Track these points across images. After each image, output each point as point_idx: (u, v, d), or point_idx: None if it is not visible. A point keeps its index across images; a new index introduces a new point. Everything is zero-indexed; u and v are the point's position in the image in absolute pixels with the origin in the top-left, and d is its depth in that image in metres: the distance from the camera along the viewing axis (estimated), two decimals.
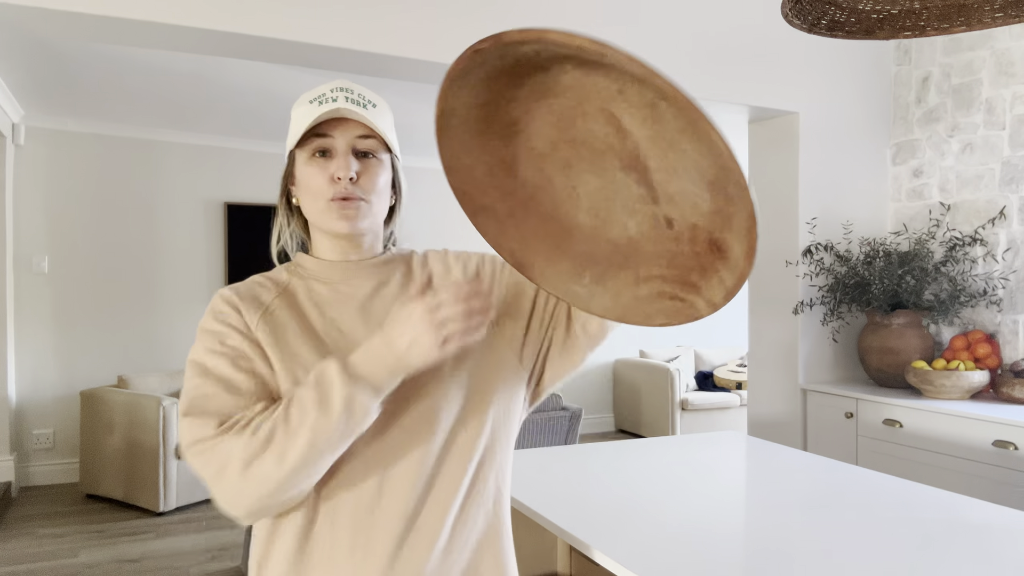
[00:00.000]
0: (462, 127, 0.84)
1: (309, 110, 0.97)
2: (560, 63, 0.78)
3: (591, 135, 0.84)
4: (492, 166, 0.88)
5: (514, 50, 0.75)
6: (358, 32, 2.42)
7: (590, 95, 0.80)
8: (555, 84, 0.81)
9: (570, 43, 0.70)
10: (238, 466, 0.84)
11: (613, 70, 0.76)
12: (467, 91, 0.80)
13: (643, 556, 1.37)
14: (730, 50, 3.08)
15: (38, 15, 2.09)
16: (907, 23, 1.42)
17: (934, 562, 1.34)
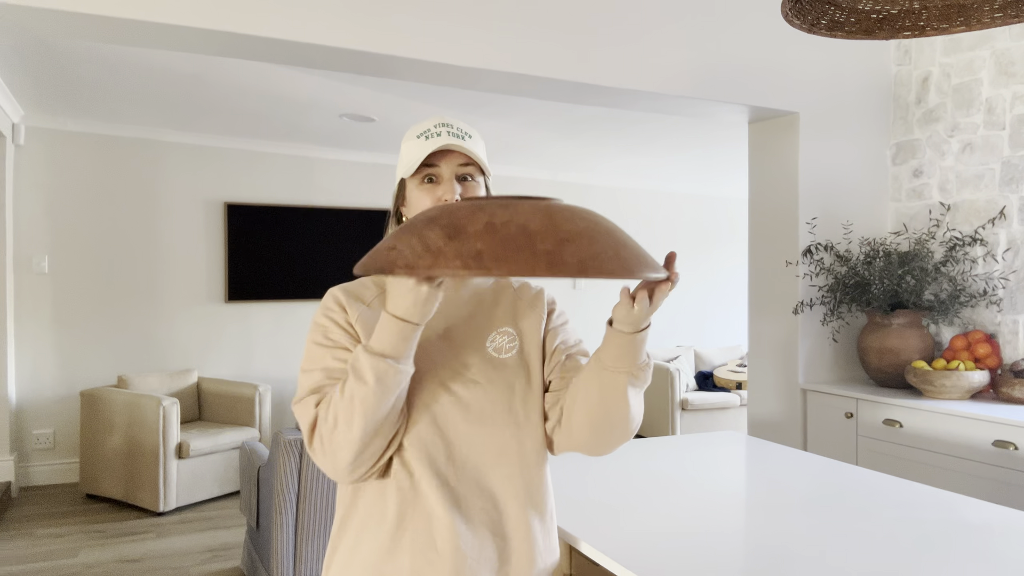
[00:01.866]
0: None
1: (418, 144, 1.16)
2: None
3: None
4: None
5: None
6: (358, 32, 2.42)
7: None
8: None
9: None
10: (328, 438, 1.05)
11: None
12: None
13: (643, 555, 1.37)
14: (730, 50, 3.08)
15: (38, 15, 2.09)
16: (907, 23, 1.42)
17: (934, 562, 1.34)
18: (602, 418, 1.09)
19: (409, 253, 0.87)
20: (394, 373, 1.01)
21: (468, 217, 0.88)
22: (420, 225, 0.91)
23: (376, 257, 0.90)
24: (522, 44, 2.68)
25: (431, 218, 0.91)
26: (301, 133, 5.12)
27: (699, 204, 7.29)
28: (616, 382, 1.06)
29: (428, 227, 0.89)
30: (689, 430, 5.94)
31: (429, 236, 0.88)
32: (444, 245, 0.86)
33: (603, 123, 4.72)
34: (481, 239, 0.85)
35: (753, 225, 3.56)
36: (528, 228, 0.87)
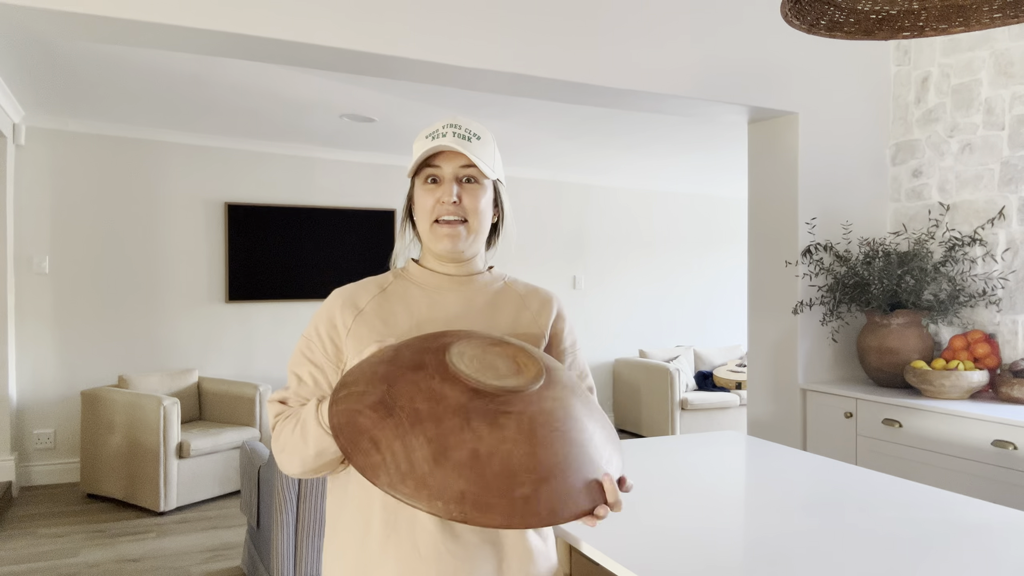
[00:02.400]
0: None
1: (424, 144, 1.16)
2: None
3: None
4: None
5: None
6: (358, 32, 2.42)
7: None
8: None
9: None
10: (278, 454, 1.14)
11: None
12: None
13: (643, 556, 1.38)
14: (730, 50, 3.09)
15: (38, 15, 2.09)
16: (906, 23, 1.43)
17: (934, 562, 1.34)
18: None
19: (393, 469, 0.87)
20: (334, 452, 1.07)
21: (456, 434, 0.88)
22: (406, 417, 0.90)
23: (357, 443, 0.90)
24: (522, 44, 2.68)
25: (417, 412, 0.90)
26: (301, 133, 5.12)
27: (699, 204, 7.30)
28: None
29: (415, 429, 0.88)
30: (689, 430, 5.95)
31: (415, 450, 0.87)
32: (429, 472, 0.86)
33: (603, 123, 4.72)
34: (464, 476, 0.86)
35: (753, 225, 3.57)
36: (511, 463, 0.88)
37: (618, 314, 6.86)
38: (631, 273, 6.93)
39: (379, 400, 0.93)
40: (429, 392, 0.93)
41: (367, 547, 1.10)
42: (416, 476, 0.85)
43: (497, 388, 0.93)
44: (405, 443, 0.88)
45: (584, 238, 6.69)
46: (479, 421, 0.90)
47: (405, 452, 0.87)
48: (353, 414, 0.92)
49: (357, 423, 0.91)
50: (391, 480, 0.86)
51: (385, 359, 0.99)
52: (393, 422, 0.90)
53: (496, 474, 0.87)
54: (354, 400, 0.94)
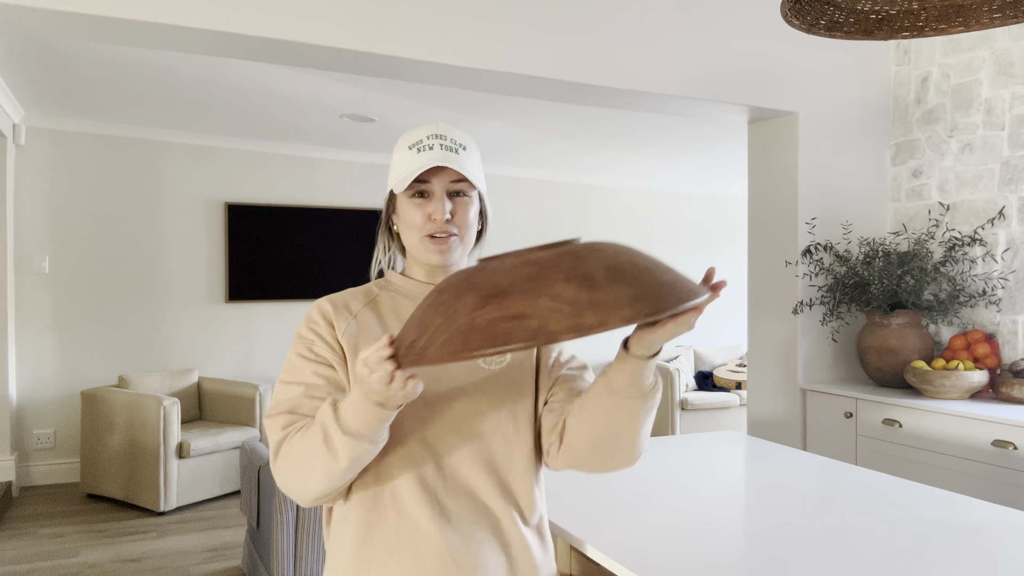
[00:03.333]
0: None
1: (409, 156, 1.13)
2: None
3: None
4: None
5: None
6: (358, 32, 2.42)
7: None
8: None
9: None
10: (288, 476, 1.04)
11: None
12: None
13: (643, 556, 1.38)
14: (730, 50, 3.09)
15: (38, 15, 2.09)
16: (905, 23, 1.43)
17: (934, 562, 1.34)
18: (611, 442, 1.06)
19: (562, 315, 0.78)
20: (369, 455, 1.00)
21: (579, 264, 0.84)
22: (522, 284, 0.81)
23: (507, 333, 0.78)
24: (522, 44, 2.68)
25: (528, 277, 0.82)
26: (301, 133, 5.12)
27: (699, 204, 7.30)
28: (630, 408, 1.02)
29: (541, 284, 0.81)
30: (689, 430, 5.95)
31: (562, 292, 0.80)
32: (589, 297, 0.80)
33: (603, 123, 4.72)
34: (619, 282, 0.82)
35: (753, 225, 3.57)
36: (639, 262, 0.86)
37: None
38: None
39: (479, 301, 0.82)
40: (514, 268, 0.85)
41: (365, 557, 1.08)
42: (586, 304, 0.79)
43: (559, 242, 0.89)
44: (548, 295, 0.80)
45: (584, 238, 6.69)
46: (584, 252, 0.86)
47: (555, 299, 0.80)
48: (467, 332, 0.80)
49: (478, 324, 0.80)
50: (568, 323, 0.78)
51: (429, 304, 0.88)
52: (515, 296, 0.81)
53: (640, 271, 0.84)
54: (447, 323, 0.82)
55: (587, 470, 1.12)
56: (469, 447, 1.09)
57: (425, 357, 0.82)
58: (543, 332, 0.77)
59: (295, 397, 1.07)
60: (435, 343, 0.82)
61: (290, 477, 1.02)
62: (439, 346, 0.81)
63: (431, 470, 1.08)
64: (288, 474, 1.02)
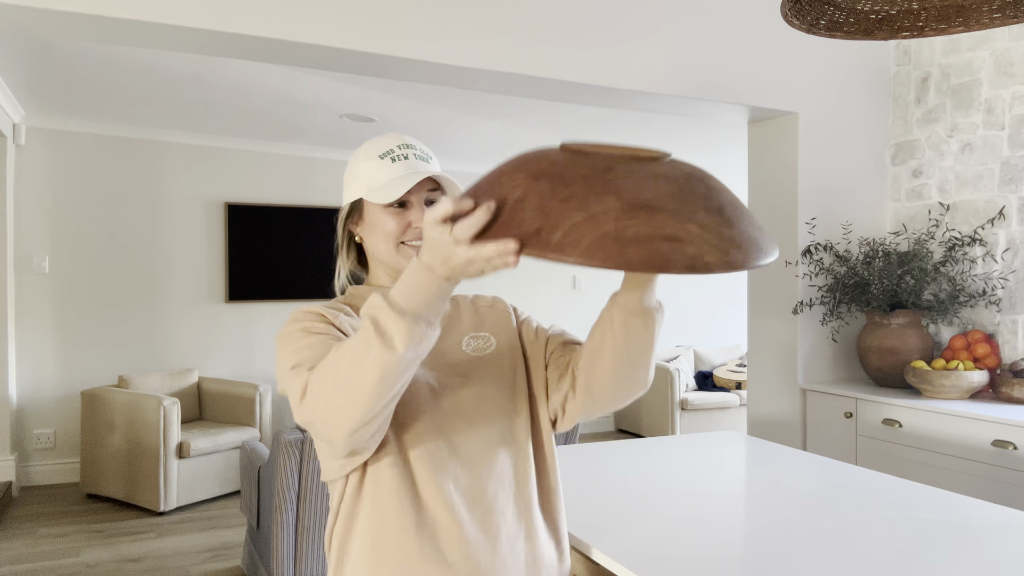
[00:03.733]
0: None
1: (382, 166, 1.13)
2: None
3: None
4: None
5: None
6: (358, 32, 2.42)
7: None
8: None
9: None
10: (328, 401, 0.90)
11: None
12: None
13: (643, 556, 1.38)
14: (730, 50, 3.09)
15: (38, 15, 2.09)
16: (905, 24, 1.43)
17: (934, 562, 1.34)
18: (629, 366, 1.06)
19: (709, 244, 0.75)
20: (428, 341, 0.89)
21: (713, 197, 0.83)
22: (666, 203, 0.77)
23: (662, 251, 0.73)
24: (522, 44, 2.68)
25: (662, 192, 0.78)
26: (301, 133, 5.12)
27: None
28: (645, 325, 1.02)
29: (683, 206, 0.78)
30: (689, 430, 5.95)
31: (705, 220, 0.77)
32: (728, 232, 0.78)
33: (603, 123, 4.72)
34: (740, 220, 0.82)
35: None
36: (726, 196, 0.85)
37: None
38: None
39: (624, 209, 0.76)
40: (648, 180, 0.80)
41: (384, 557, 1.05)
42: (728, 240, 0.77)
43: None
44: (695, 222, 0.77)
45: None
46: (704, 177, 0.85)
47: (703, 228, 0.77)
48: (620, 241, 0.74)
49: (631, 236, 0.74)
50: (719, 257, 0.75)
51: (546, 192, 0.80)
52: (664, 215, 0.77)
53: (745, 211, 0.84)
54: (591, 224, 0.75)
55: (606, 404, 1.11)
56: (480, 432, 1.10)
57: (566, 250, 0.74)
58: (700, 262, 0.74)
59: (313, 346, 1.00)
60: (580, 242, 0.74)
61: (328, 399, 0.90)
62: (586, 246, 0.74)
63: (446, 458, 1.07)
64: (325, 397, 0.90)
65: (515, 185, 0.82)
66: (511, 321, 1.23)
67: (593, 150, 0.84)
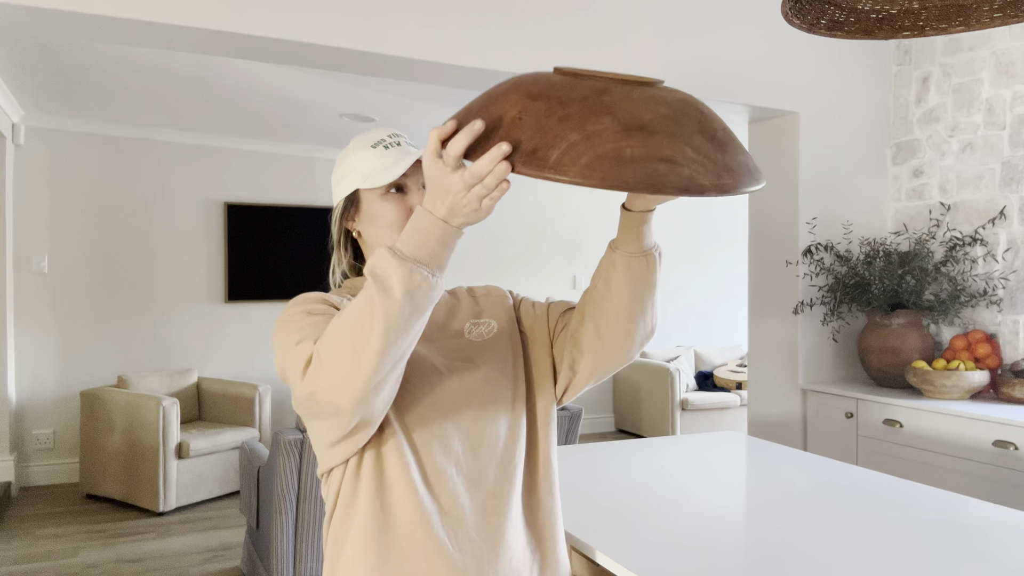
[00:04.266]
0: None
1: (376, 154, 1.11)
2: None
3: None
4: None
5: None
6: (358, 32, 2.42)
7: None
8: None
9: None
10: (333, 365, 0.87)
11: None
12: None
13: (643, 556, 1.37)
14: (730, 50, 3.08)
15: (38, 15, 2.09)
16: (906, 23, 1.42)
17: (934, 562, 1.34)
18: (638, 310, 1.05)
19: (705, 168, 0.76)
20: (428, 289, 0.85)
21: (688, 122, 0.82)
22: (661, 127, 0.77)
23: (657, 172, 0.73)
24: (521, 44, 2.68)
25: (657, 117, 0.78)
26: (301, 133, 5.12)
27: (699, 204, 7.29)
28: (647, 266, 1.03)
29: (679, 132, 0.78)
30: (689, 430, 5.94)
31: (701, 144, 0.78)
32: (722, 157, 0.78)
33: None
34: (732, 149, 0.83)
35: (753, 225, 3.56)
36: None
37: None
38: None
39: (621, 129, 0.76)
40: (644, 103, 0.80)
41: (383, 548, 1.03)
42: (722, 165, 0.77)
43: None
44: (691, 145, 0.77)
45: (584, 238, 6.69)
46: (698, 104, 0.86)
47: (697, 151, 0.77)
48: (617, 160, 0.74)
49: (628, 156, 0.74)
50: (712, 180, 0.76)
51: (542, 111, 0.79)
52: (660, 137, 0.77)
53: (735, 139, 0.86)
54: (587, 143, 0.75)
55: (613, 356, 1.09)
56: (485, 416, 1.09)
57: (563, 169, 0.74)
58: (694, 184, 0.74)
59: (317, 324, 0.97)
60: (577, 161, 0.74)
61: (334, 363, 0.86)
62: (584, 165, 0.73)
63: (449, 441, 1.06)
64: (331, 362, 0.86)
65: (510, 105, 0.81)
66: (507, 302, 1.22)
67: (590, 73, 0.84)
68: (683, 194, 0.74)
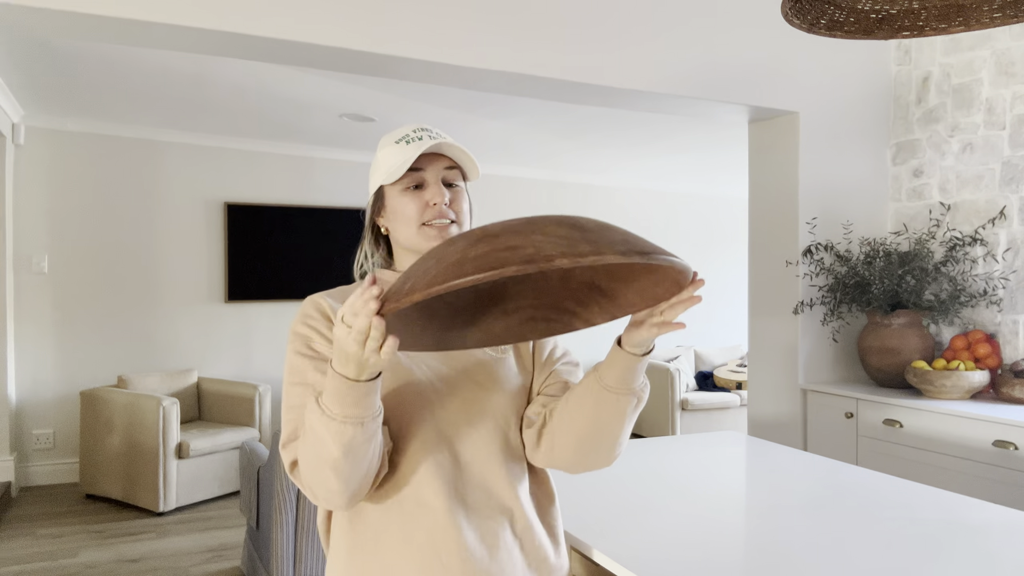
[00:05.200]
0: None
1: (398, 150, 1.12)
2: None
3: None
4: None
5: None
6: (358, 32, 2.42)
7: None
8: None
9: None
10: (311, 488, 1.00)
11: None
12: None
13: (643, 556, 1.37)
14: (730, 50, 3.08)
15: (38, 15, 2.09)
16: (905, 23, 1.42)
17: (934, 562, 1.34)
18: (593, 438, 1.06)
19: (556, 244, 0.76)
20: (363, 439, 0.93)
21: (549, 222, 0.83)
22: (502, 232, 0.79)
23: (502, 257, 0.75)
24: (522, 44, 2.68)
25: (503, 227, 0.80)
26: (301, 133, 5.12)
27: (699, 204, 7.29)
28: (618, 403, 1.02)
29: (530, 228, 0.80)
30: (689, 430, 5.94)
31: (553, 232, 0.78)
32: (580, 234, 0.78)
33: (603, 123, 4.72)
34: (603, 228, 0.82)
35: (753, 225, 3.56)
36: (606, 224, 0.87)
37: None
38: None
39: (470, 243, 0.79)
40: (502, 222, 0.83)
41: (380, 556, 1.04)
42: (579, 239, 0.78)
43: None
44: (541, 233, 0.78)
45: None
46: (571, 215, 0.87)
47: (549, 235, 0.78)
48: (459, 263, 0.77)
49: (470, 256, 0.77)
50: (563, 249, 0.75)
51: (417, 262, 0.85)
52: (507, 235, 0.79)
53: (627, 232, 0.85)
54: (437, 264, 0.79)
55: (564, 467, 1.11)
56: (482, 433, 1.08)
57: (413, 293, 0.77)
58: (539, 256, 0.75)
59: (300, 401, 1.04)
60: (426, 278, 0.78)
61: (312, 483, 0.98)
62: (428, 279, 0.77)
63: (447, 458, 1.06)
64: (309, 482, 0.98)
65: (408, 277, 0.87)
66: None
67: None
68: (527, 265, 0.74)
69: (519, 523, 1.10)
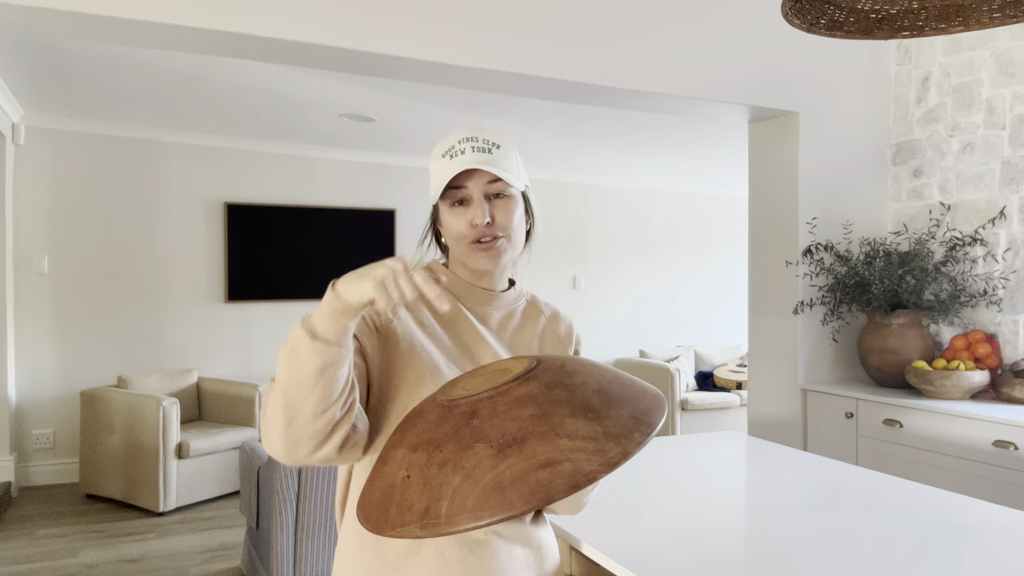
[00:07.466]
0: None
1: (443, 164, 1.10)
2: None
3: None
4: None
5: None
6: (358, 32, 2.42)
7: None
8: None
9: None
10: (264, 431, 0.97)
11: None
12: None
13: (643, 556, 1.37)
14: (730, 50, 3.08)
15: (38, 15, 2.09)
16: (905, 23, 1.42)
17: (934, 562, 1.34)
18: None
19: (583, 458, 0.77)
20: (304, 351, 0.90)
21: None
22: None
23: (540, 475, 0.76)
24: (522, 44, 2.68)
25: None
26: (300, 133, 5.12)
27: (699, 204, 7.29)
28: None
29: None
30: (689, 430, 5.94)
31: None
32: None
33: (603, 123, 4.72)
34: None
35: (753, 225, 3.56)
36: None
37: (618, 314, 6.86)
38: (631, 273, 6.93)
39: (495, 453, 0.81)
40: (510, 410, 0.85)
41: (383, 555, 1.06)
42: (603, 436, 0.80)
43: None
44: (564, 435, 0.80)
45: (584, 238, 6.69)
46: (564, 379, 0.87)
47: (573, 438, 0.80)
48: (499, 489, 0.78)
49: (508, 479, 0.79)
50: (598, 460, 0.78)
51: (424, 462, 0.86)
52: (532, 442, 0.81)
53: (618, 386, 0.87)
54: (469, 483, 0.81)
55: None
56: None
57: (455, 520, 0.77)
58: (581, 474, 0.76)
59: None
60: (465, 505, 0.77)
61: (266, 417, 0.94)
62: (471, 508, 0.77)
63: None
64: (270, 420, 0.94)
65: (398, 465, 0.87)
66: (562, 344, 1.23)
67: (460, 394, 0.88)
68: (576, 491, 0.76)
69: (519, 520, 1.11)
